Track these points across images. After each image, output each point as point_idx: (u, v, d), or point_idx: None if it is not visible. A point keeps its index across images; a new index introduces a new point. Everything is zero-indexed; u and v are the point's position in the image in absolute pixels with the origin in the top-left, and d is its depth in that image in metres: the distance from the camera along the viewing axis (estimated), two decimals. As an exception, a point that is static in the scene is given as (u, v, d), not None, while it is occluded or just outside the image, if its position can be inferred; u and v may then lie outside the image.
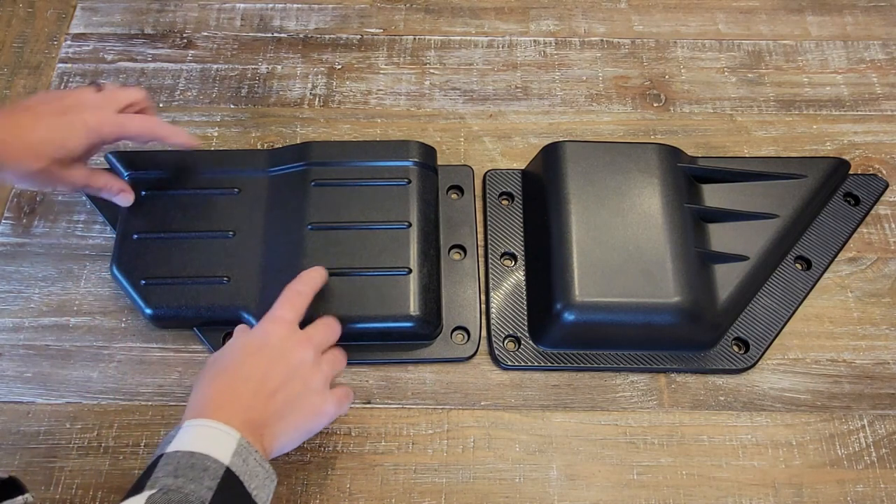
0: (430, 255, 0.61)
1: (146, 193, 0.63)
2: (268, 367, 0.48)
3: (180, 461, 0.41)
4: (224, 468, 0.41)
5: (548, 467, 0.57)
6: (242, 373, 0.47)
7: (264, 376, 0.47)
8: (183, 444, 0.42)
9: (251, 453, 0.43)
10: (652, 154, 0.63)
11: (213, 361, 0.50)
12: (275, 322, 0.50)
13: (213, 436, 0.43)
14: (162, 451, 0.42)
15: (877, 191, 0.68)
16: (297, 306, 0.52)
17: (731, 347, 0.61)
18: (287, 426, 0.47)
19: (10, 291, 0.64)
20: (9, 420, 0.58)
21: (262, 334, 0.50)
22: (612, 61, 0.77)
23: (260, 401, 0.46)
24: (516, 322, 0.62)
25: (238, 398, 0.46)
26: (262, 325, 0.50)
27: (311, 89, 0.75)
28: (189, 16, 0.79)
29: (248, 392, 0.46)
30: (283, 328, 0.50)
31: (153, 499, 0.39)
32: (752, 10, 0.81)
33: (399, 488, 0.56)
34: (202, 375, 0.49)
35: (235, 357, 0.49)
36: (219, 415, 0.44)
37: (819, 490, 0.56)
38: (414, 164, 0.64)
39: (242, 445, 0.43)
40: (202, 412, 0.45)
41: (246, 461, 0.43)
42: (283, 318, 0.51)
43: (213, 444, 0.42)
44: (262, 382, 0.47)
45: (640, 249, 0.59)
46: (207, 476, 0.41)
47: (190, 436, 0.43)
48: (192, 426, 0.43)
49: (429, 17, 0.80)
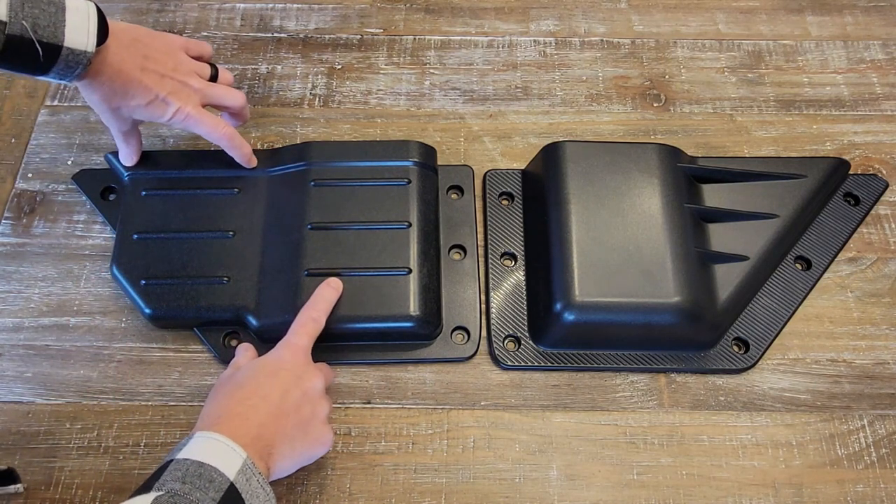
0: (430, 255, 0.61)
1: (146, 193, 0.63)
2: (284, 389, 0.49)
3: (189, 469, 0.42)
4: (229, 483, 0.42)
5: (548, 467, 0.57)
6: (259, 391, 0.49)
7: (280, 398, 0.49)
8: (193, 453, 0.43)
9: (255, 474, 0.44)
10: (652, 154, 0.63)
11: (228, 378, 0.51)
12: (290, 348, 0.53)
13: (222, 450, 0.44)
14: (172, 458, 0.43)
15: (877, 191, 0.69)
16: (311, 333, 0.54)
17: (731, 347, 0.61)
18: (293, 450, 0.49)
19: (10, 291, 0.64)
20: (9, 420, 0.58)
21: (278, 359, 0.52)
22: (612, 61, 0.77)
23: (272, 420, 0.48)
24: (516, 322, 0.62)
25: (252, 415, 0.47)
26: (278, 350, 0.53)
27: (311, 89, 0.75)
28: (189, 16, 0.79)
29: (262, 410, 0.48)
30: (298, 355, 0.52)
31: (160, 500, 0.40)
32: (752, 10, 0.81)
33: (399, 488, 0.56)
34: (217, 390, 0.50)
35: (252, 376, 0.50)
36: (231, 429, 0.45)
37: (819, 490, 0.56)
38: (414, 164, 0.64)
39: (248, 465, 0.44)
40: (215, 424, 0.46)
41: (249, 481, 0.43)
42: (298, 346, 0.53)
43: (221, 458, 0.43)
44: (276, 404, 0.48)
45: (640, 249, 0.59)
46: (213, 488, 0.42)
47: (200, 446, 0.44)
48: (203, 437, 0.44)
49: (429, 17, 0.80)
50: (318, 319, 0.55)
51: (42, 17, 0.48)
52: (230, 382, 0.50)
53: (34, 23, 0.47)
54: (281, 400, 0.49)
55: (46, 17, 0.48)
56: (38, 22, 0.47)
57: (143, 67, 0.56)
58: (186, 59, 0.61)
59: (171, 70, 0.58)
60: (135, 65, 0.55)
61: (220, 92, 0.62)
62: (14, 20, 0.46)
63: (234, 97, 0.63)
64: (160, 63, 0.57)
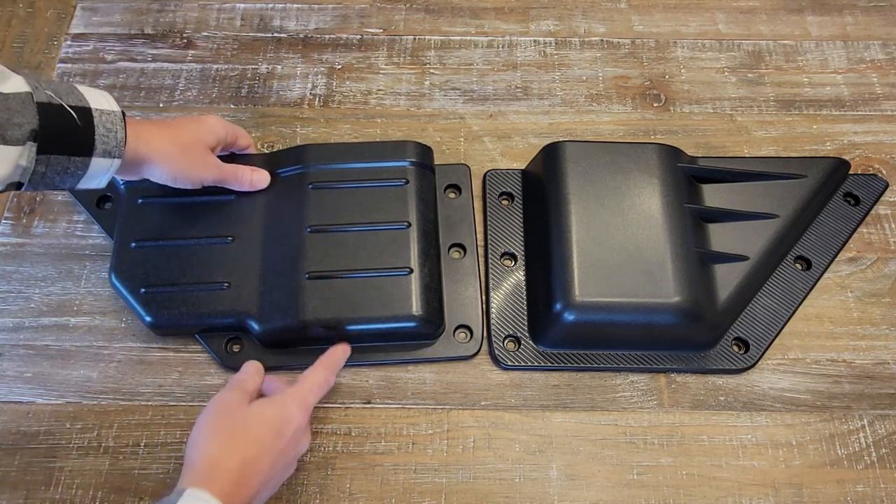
0: (430, 254, 0.61)
1: (143, 201, 0.63)
2: (278, 455, 0.49)
3: None
4: None
5: (548, 467, 0.57)
6: (264, 455, 0.48)
7: (271, 465, 0.48)
8: None
9: None
10: (652, 154, 0.63)
11: (235, 410, 0.50)
12: (302, 407, 0.51)
13: None
14: None
15: (877, 191, 0.69)
16: (321, 394, 0.54)
17: (731, 347, 0.61)
18: (269, 494, 0.50)
19: (10, 291, 0.64)
20: (9, 420, 0.58)
21: (288, 416, 0.50)
22: (612, 61, 0.77)
23: (259, 481, 0.47)
24: (516, 322, 0.62)
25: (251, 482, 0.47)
26: (288, 404, 0.51)
27: (311, 89, 0.75)
28: (189, 16, 0.79)
29: (252, 471, 0.47)
30: (303, 418, 0.51)
31: None
32: (752, 10, 0.81)
33: (399, 488, 0.56)
34: (218, 417, 0.49)
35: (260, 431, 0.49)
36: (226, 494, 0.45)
37: (819, 490, 0.56)
38: (411, 164, 0.64)
39: None
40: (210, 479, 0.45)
41: None
42: (308, 405, 0.52)
43: None
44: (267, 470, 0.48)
45: (640, 249, 0.59)
46: None
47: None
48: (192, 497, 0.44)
49: (429, 17, 0.80)
50: (330, 381, 0.55)
51: (59, 88, 0.48)
52: (235, 421, 0.49)
53: (55, 90, 0.48)
54: (272, 466, 0.48)
55: (63, 87, 0.49)
56: (58, 91, 0.48)
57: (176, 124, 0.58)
58: None
59: None
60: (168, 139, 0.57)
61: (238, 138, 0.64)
62: (38, 89, 0.47)
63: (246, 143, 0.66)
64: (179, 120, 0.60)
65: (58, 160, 0.48)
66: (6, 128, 0.45)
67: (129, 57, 0.76)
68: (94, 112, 0.49)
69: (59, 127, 0.47)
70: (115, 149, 0.51)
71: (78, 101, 0.49)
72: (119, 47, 0.77)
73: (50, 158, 0.47)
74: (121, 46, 0.77)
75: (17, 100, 0.45)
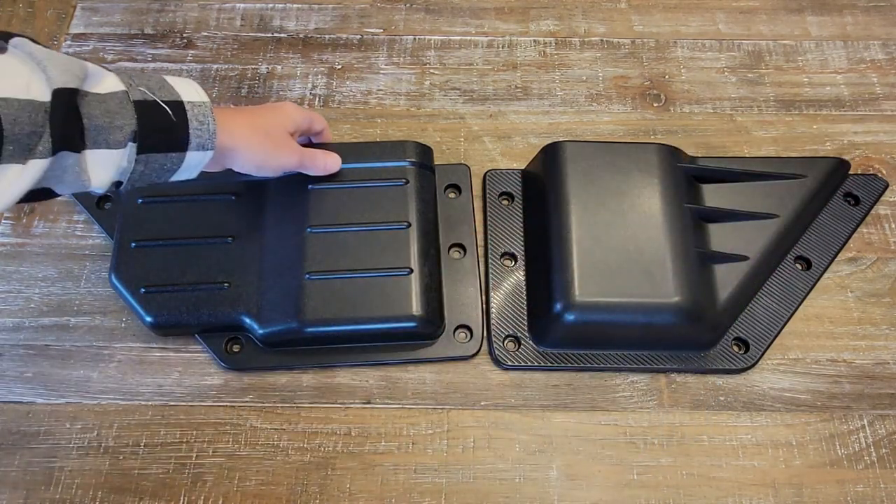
0: (430, 254, 0.61)
1: (142, 201, 0.63)
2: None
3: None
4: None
5: (548, 467, 0.57)
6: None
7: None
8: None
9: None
10: (652, 154, 0.63)
11: None
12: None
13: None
14: None
15: (877, 191, 0.69)
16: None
17: (731, 347, 0.61)
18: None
19: (10, 291, 0.64)
20: (9, 420, 0.58)
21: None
22: (612, 61, 0.77)
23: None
24: (516, 322, 0.62)
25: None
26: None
27: (311, 89, 0.75)
28: (189, 16, 0.79)
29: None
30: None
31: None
32: (752, 10, 0.81)
33: (399, 488, 0.56)
34: None
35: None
36: None
37: (819, 490, 0.56)
38: (411, 164, 0.64)
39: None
40: None
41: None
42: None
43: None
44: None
45: (640, 249, 0.59)
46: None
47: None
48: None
49: (429, 17, 0.80)
50: None
51: (151, 83, 0.48)
52: None
53: (147, 86, 0.47)
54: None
55: (154, 81, 0.48)
56: (150, 86, 0.47)
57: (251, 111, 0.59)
58: None
59: None
60: None
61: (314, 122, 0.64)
62: (132, 87, 0.46)
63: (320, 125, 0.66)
64: None
65: (155, 158, 0.47)
66: (109, 132, 0.44)
67: (129, 57, 0.76)
68: (186, 105, 0.49)
69: (156, 125, 0.47)
70: (208, 141, 0.50)
71: (170, 95, 0.48)
72: (119, 47, 0.77)
73: (149, 157, 0.47)
74: (121, 46, 0.77)
75: (115, 100, 0.44)
